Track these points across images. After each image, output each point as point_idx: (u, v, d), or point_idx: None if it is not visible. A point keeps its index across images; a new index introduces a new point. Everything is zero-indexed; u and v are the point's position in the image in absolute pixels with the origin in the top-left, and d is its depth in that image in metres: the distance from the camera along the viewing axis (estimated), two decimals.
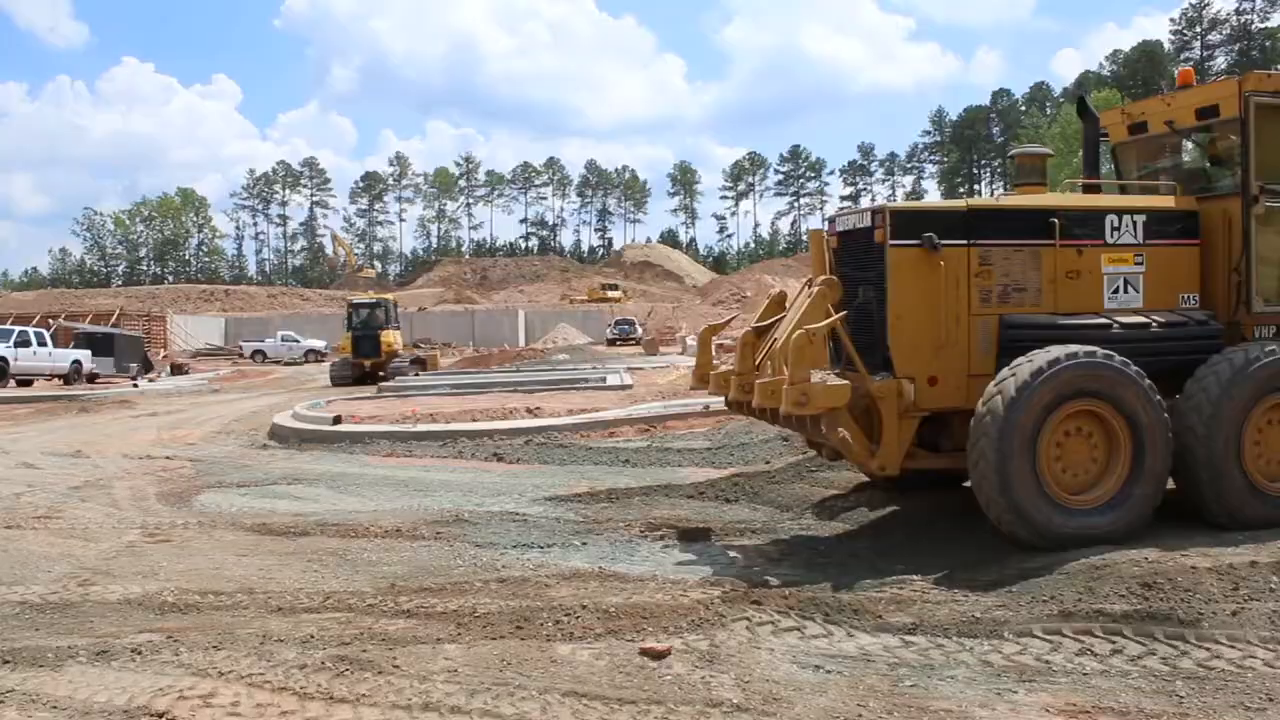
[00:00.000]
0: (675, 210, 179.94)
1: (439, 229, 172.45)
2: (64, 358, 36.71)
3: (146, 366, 42.06)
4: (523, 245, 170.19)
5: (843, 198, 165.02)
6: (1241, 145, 8.65)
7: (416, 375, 33.29)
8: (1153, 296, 8.77)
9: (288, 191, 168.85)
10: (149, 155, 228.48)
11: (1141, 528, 7.80)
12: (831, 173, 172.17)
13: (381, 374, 34.56)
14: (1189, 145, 9.66)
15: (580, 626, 6.34)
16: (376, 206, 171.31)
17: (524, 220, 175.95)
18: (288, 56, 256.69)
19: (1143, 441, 7.86)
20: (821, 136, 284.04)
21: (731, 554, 8.37)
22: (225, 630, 6.56)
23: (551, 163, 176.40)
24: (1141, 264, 8.76)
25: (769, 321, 9.45)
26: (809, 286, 9.07)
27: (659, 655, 5.82)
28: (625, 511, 10.04)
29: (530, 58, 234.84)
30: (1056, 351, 7.80)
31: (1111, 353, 7.91)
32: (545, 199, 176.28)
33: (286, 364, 56.85)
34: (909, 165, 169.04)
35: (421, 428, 16.65)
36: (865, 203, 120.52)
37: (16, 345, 34.47)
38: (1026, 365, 7.75)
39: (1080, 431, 7.93)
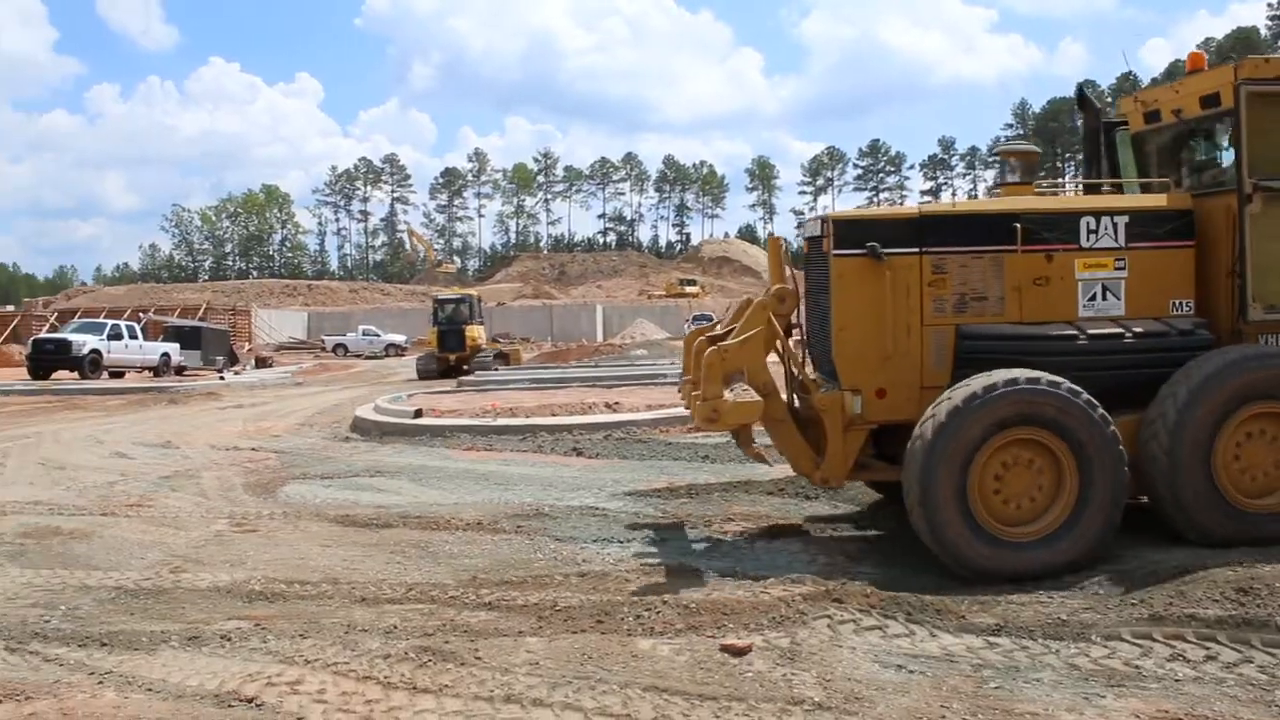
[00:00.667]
0: (753, 205, 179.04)
1: (517, 224, 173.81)
2: (154, 351, 37.65)
3: (232, 360, 42.96)
4: (600, 240, 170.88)
5: (923, 192, 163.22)
6: (1234, 137, 8.07)
7: (497, 370, 33.55)
8: (1138, 303, 8.16)
9: (369, 188, 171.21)
10: (234, 153, 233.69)
11: (1088, 560, 7.38)
12: (911, 167, 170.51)
13: (465, 368, 34.93)
14: (1199, 136, 9.06)
15: (661, 622, 6.34)
16: (456, 202, 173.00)
17: (602, 215, 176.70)
18: (369, 55, 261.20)
19: (1091, 472, 7.38)
20: (901, 130, 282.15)
21: (812, 551, 8.32)
22: (311, 619, 6.67)
23: (629, 158, 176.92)
24: (1123, 269, 8.17)
25: (727, 329, 9.13)
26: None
27: (740, 652, 5.80)
28: (705, 507, 10.02)
29: (608, 53, 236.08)
30: (998, 376, 7.42)
31: (1059, 380, 7.43)
32: (623, 194, 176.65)
33: (367, 358, 57.68)
34: (990, 159, 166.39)
35: (501, 422, 16.77)
36: (945, 198, 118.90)
37: (109, 338, 35.42)
38: (962, 390, 7.42)
39: (1023, 461, 7.49)
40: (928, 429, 7.38)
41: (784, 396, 8.59)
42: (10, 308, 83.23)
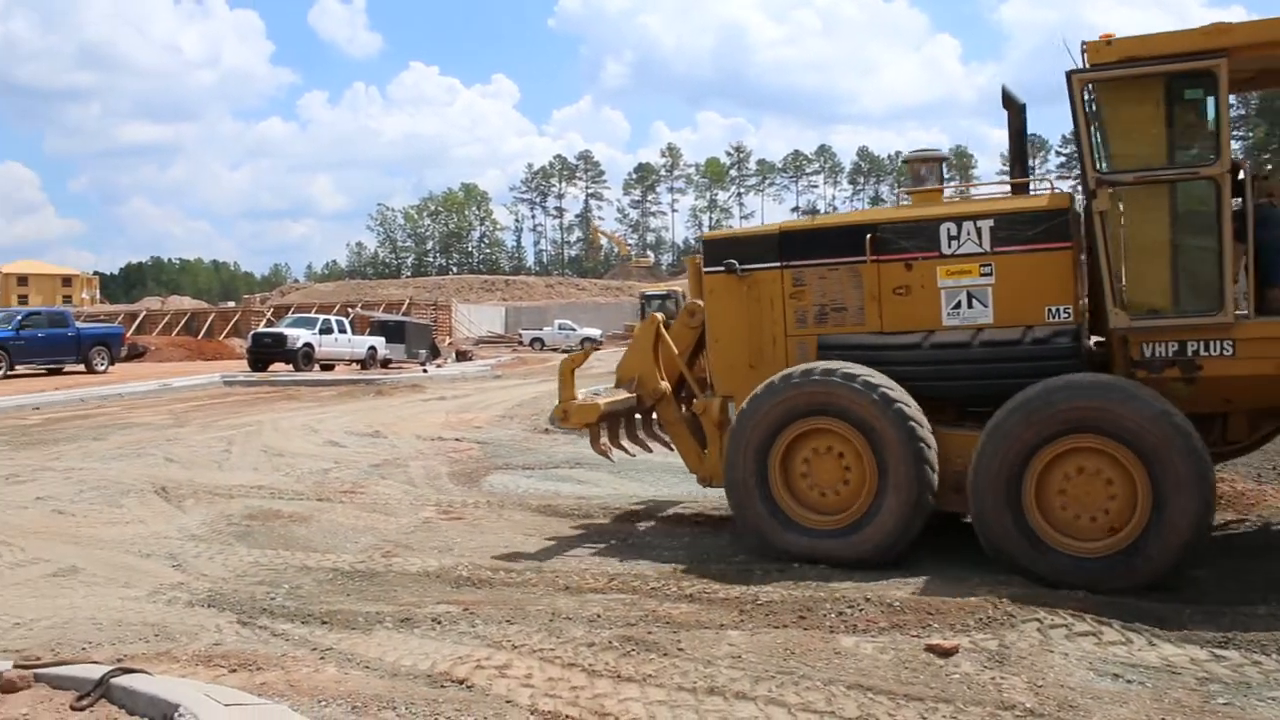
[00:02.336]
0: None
1: (710, 219, 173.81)
2: (361, 344, 39.16)
3: (434, 353, 44.21)
4: None
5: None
6: (1074, 129, 7.35)
7: None
8: (1008, 310, 7.70)
9: (564, 184, 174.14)
10: (434, 153, 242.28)
11: (891, 555, 7.44)
12: None
13: None
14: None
15: (864, 619, 6.26)
16: (649, 197, 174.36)
17: (795, 209, 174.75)
18: (562, 54, 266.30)
19: (886, 466, 7.45)
20: None
21: None
22: (517, 606, 6.84)
23: (823, 150, 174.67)
24: (990, 275, 7.74)
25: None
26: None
27: (946, 653, 5.67)
28: None
29: (800, 45, 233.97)
30: (798, 368, 7.82)
31: (855, 373, 7.59)
32: (816, 187, 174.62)
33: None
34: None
35: None
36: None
37: (321, 332, 37.04)
38: (764, 383, 7.89)
39: (831, 451, 7.73)
40: (737, 416, 8.02)
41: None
42: (231, 304, 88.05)
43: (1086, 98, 7.28)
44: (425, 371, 35.48)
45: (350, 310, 54.97)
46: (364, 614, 6.72)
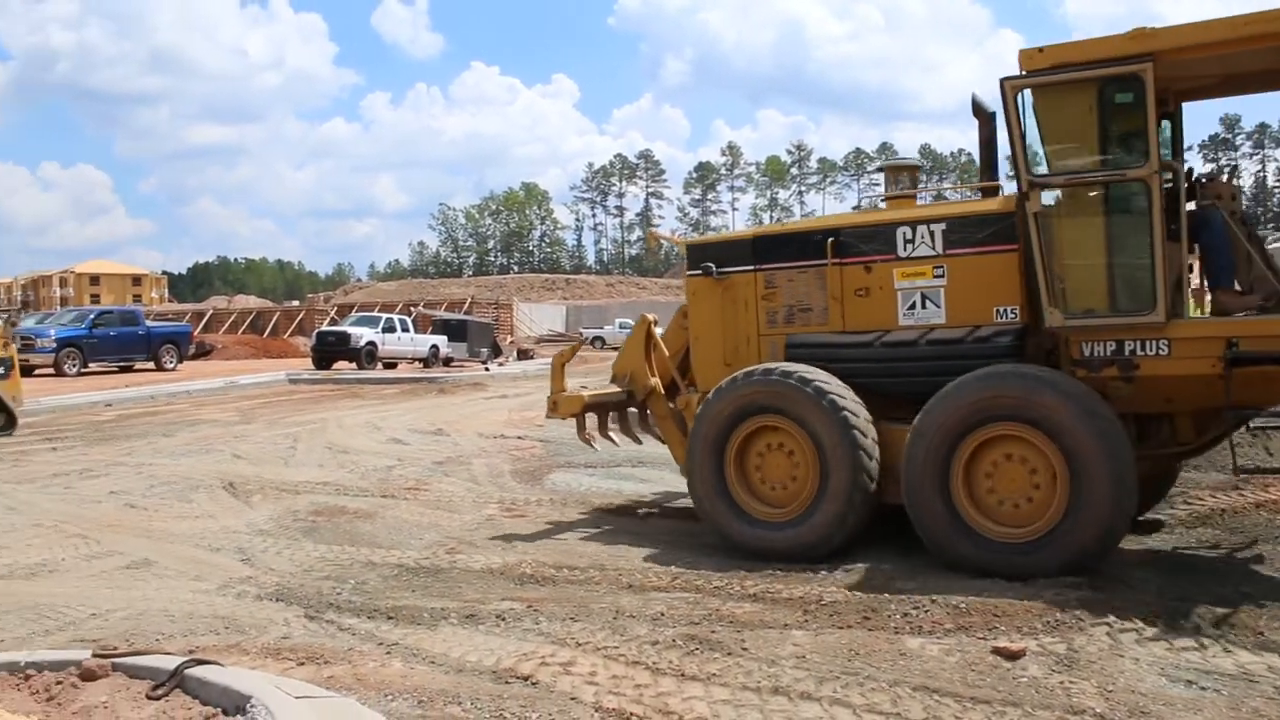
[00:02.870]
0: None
1: (772, 217, 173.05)
2: (423, 343, 39.54)
3: (495, 351, 44.49)
4: None
5: (1201, 175, 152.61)
6: (1008, 133, 7.45)
7: None
8: (960, 311, 7.94)
9: (624, 183, 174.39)
10: (495, 153, 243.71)
11: (833, 544, 7.76)
12: (1190, 148, 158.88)
13: None
14: None
15: (929, 621, 6.20)
16: (709, 196, 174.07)
17: (857, 206, 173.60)
18: (622, 53, 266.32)
19: (826, 460, 7.78)
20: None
21: None
22: (580, 603, 6.86)
23: (885, 148, 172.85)
24: (942, 276, 8.00)
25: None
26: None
27: (1013, 656, 5.61)
28: None
29: (861, 42, 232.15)
30: (748, 369, 8.32)
31: (791, 369, 8.06)
32: (878, 185, 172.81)
33: None
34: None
35: None
36: (1223, 180, 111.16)
37: (384, 331, 37.49)
38: (719, 382, 8.42)
39: (782, 447, 8.12)
40: (697, 413, 8.55)
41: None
42: (295, 303, 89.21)
43: (1022, 104, 7.39)
44: (487, 370, 35.73)
45: (412, 309, 55.47)
46: (429, 610, 6.79)
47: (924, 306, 8.09)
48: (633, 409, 10.46)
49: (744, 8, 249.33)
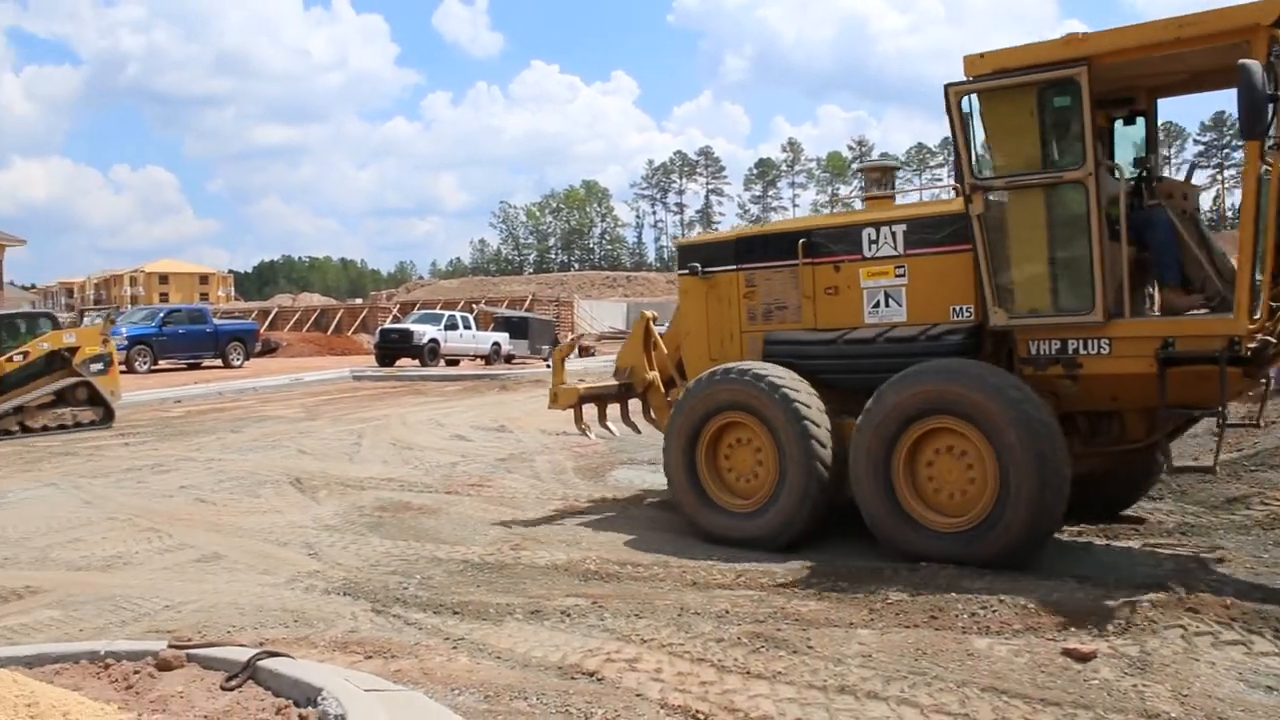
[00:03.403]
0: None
1: (833, 213, 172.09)
2: (485, 340, 39.72)
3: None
4: None
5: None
6: (951, 137, 7.73)
7: None
8: (920, 309, 8.27)
9: (684, 180, 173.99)
10: (556, 151, 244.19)
11: (792, 532, 8.17)
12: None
13: None
14: None
15: (997, 621, 6.13)
16: (770, 193, 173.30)
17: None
18: (681, 50, 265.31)
19: (785, 454, 8.17)
20: None
21: (1161, 555, 7.82)
22: (644, 600, 6.87)
23: (946, 142, 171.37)
24: (904, 276, 8.33)
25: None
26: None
27: (1084, 657, 5.52)
28: None
29: (922, 34, 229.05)
30: (717, 369, 8.74)
31: (753, 369, 8.46)
32: (941, 180, 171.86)
33: None
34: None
35: None
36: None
37: (446, 328, 37.75)
38: (693, 379, 8.93)
39: (749, 443, 8.55)
40: (673, 409, 9.02)
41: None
42: (358, 301, 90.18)
43: (970, 109, 7.64)
44: (548, 367, 35.81)
45: (474, 306, 55.68)
46: (494, 605, 6.82)
47: (887, 305, 8.44)
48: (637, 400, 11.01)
49: (803, 4, 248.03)
